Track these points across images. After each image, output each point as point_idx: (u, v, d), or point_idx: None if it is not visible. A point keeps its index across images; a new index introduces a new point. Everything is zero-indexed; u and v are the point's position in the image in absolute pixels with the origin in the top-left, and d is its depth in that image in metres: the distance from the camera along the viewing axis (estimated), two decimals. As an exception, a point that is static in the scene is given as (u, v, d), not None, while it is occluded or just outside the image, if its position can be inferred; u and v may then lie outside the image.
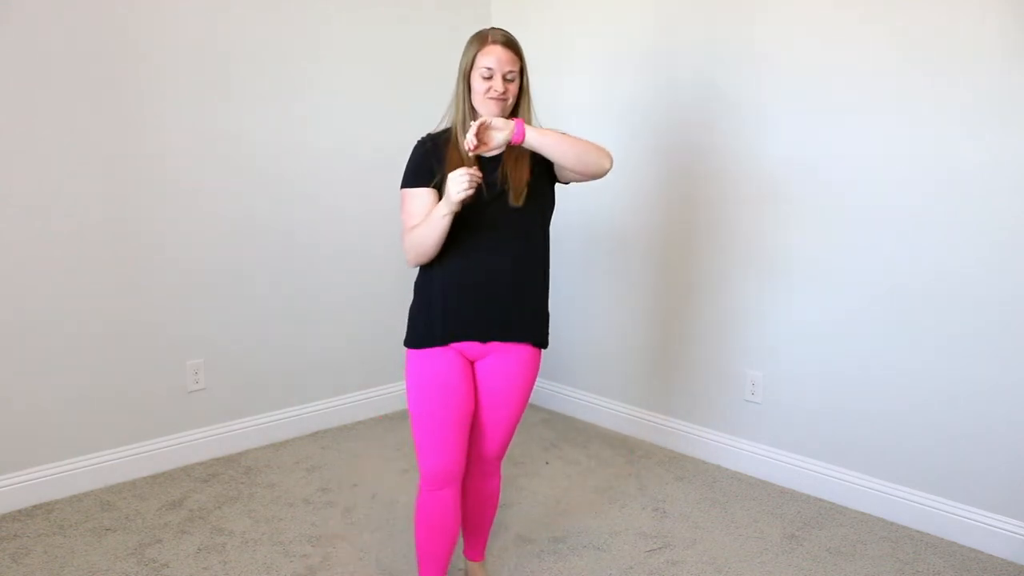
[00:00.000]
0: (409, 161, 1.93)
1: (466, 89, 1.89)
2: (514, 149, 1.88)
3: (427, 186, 1.88)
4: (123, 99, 2.77)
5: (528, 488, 2.96)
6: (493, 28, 1.91)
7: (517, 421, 2.10)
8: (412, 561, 2.42)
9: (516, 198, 1.88)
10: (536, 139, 1.81)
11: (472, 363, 2.00)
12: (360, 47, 3.39)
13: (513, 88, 1.88)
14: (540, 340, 2.03)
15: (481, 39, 1.87)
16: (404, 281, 2.85)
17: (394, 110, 3.50)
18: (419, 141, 1.95)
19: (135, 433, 2.95)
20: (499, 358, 1.98)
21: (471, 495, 2.17)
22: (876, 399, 2.74)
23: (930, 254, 2.57)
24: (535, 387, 3.38)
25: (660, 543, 2.58)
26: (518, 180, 1.89)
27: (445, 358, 1.94)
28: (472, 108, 1.90)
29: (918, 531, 2.67)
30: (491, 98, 1.85)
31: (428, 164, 1.89)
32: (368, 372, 3.62)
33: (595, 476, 3.07)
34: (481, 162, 1.89)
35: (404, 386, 3.59)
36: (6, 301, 2.62)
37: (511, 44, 1.88)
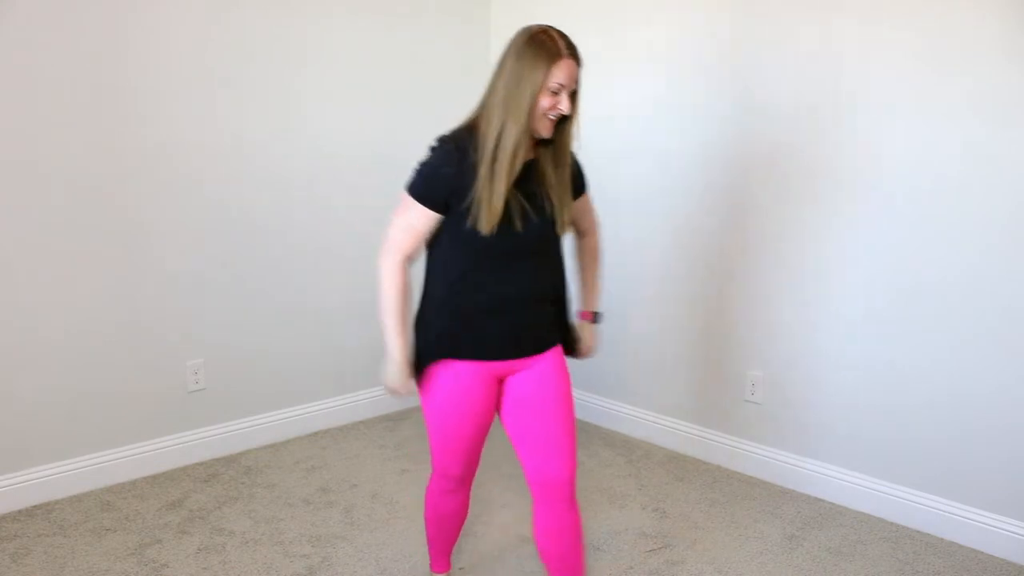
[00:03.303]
0: (427, 165, 1.72)
1: (534, 106, 1.66)
2: (550, 165, 1.77)
3: (433, 209, 1.72)
4: (122, 99, 2.77)
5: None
6: (553, 32, 1.68)
7: (574, 427, 1.87)
8: (412, 561, 2.43)
9: (562, 226, 1.80)
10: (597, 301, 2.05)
11: (501, 379, 1.87)
12: (360, 47, 3.38)
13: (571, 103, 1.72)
14: (567, 342, 1.96)
15: (550, 53, 1.64)
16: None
17: (394, 110, 3.50)
18: (443, 147, 1.72)
19: (135, 433, 2.95)
20: (532, 367, 1.86)
21: (552, 538, 1.87)
22: (877, 399, 2.74)
23: (930, 254, 2.57)
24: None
25: (660, 543, 2.58)
26: (568, 210, 1.80)
27: (471, 371, 1.82)
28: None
29: (918, 531, 2.67)
30: (552, 118, 1.69)
31: (447, 186, 1.69)
32: (368, 372, 3.61)
33: (595, 476, 3.07)
34: (524, 174, 1.72)
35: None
36: (6, 301, 2.62)
37: (577, 55, 1.69)
